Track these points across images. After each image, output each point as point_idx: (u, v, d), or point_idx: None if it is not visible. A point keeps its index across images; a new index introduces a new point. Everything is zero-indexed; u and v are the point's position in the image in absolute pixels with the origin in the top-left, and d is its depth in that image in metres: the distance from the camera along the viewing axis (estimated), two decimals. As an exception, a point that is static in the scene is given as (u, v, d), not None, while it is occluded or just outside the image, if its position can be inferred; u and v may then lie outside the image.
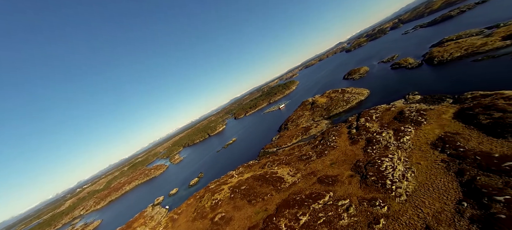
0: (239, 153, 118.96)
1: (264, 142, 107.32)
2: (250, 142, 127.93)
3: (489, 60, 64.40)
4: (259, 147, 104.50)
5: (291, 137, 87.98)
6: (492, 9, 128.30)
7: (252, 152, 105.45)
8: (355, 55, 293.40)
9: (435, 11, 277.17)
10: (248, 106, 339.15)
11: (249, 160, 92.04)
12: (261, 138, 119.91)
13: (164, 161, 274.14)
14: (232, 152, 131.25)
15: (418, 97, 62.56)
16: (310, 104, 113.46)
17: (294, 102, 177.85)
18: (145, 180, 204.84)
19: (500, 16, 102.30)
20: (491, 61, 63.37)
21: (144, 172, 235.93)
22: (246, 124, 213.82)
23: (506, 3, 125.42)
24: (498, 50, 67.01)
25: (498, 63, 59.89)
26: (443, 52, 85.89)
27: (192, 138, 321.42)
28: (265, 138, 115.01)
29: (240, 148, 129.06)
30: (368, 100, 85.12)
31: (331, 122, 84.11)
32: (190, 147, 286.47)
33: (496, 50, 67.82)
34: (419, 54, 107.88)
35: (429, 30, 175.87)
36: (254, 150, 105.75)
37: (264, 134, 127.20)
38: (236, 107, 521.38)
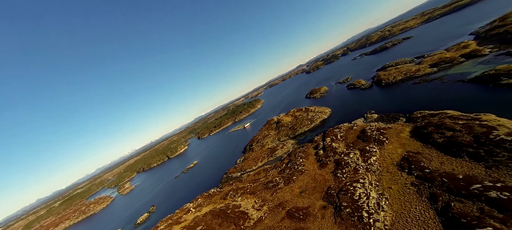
0: (199, 179, 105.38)
1: (227, 165, 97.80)
2: (212, 166, 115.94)
3: (424, 83, 73.30)
4: (222, 171, 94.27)
5: (257, 159, 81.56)
6: (416, 44, 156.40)
7: (214, 177, 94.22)
8: (315, 76, 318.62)
9: (374, 43, 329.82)
10: (212, 125, 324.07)
11: (210, 188, 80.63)
12: (225, 161, 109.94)
13: (111, 191, 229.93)
14: (192, 177, 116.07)
15: (375, 115, 65.41)
16: (275, 123, 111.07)
17: (260, 121, 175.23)
18: (80, 219, 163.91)
19: (423, 49, 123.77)
20: (426, 84, 72.10)
21: (80, 208, 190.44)
22: (210, 144, 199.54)
23: (424, 40, 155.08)
24: (429, 75, 77.63)
25: (432, 86, 68.17)
26: (388, 75, 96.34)
27: (148, 162, 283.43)
28: (229, 161, 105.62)
29: (202, 172, 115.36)
30: (331, 119, 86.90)
31: (297, 142, 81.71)
32: (145, 172, 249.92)
33: (427, 75, 78.48)
34: (369, 77, 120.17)
35: (372, 57, 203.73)
36: (217, 175, 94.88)
37: (228, 155, 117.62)
38: (201, 126, 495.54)
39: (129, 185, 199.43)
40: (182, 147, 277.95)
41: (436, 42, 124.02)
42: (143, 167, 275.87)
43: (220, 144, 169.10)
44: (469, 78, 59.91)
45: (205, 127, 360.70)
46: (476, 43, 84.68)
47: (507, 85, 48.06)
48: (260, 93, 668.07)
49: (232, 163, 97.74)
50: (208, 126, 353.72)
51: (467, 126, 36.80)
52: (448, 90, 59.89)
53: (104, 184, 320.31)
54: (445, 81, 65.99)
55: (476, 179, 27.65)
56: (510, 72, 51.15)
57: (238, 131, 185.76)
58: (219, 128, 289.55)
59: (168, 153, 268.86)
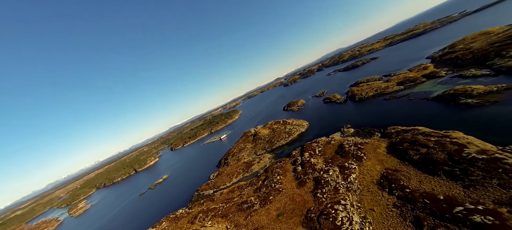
0: (167, 196, 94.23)
1: (200, 181, 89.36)
2: (183, 181, 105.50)
3: (394, 99, 77.24)
4: (193, 187, 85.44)
5: (231, 174, 75.51)
6: (382, 63, 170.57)
7: (184, 194, 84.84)
8: (292, 89, 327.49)
9: (345, 60, 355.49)
10: (187, 136, 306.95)
11: (178, 208, 71.49)
12: (197, 175, 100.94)
13: (59, 212, 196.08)
14: (159, 195, 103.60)
15: (352, 130, 65.66)
16: (252, 136, 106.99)
17: (237, 133, 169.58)
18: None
19: (389, 68, 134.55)
20: (396, 100, 75.95)
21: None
22: (183, 156, 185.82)
23: (389, 60, 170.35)
24: (397, 92, 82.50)
25: (401, 102, 71.81)
26: (361, 91, 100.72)
27: (111, 176, 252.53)
28: (201, 175, 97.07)
29: (171, 189, 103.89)
30: (308, 132, 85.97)
31: (274, 156, 78.26)
32: (107, 188, 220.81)
33: (396, 92, 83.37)
34: (343, 92, 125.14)
35: (345, 73, 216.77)
36: (187, 192, 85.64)
37: (201, 169, 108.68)
38: (175, 136, 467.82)
39: (83, 205, 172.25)
40: (152, 159, 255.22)
41: (399, 63, 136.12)
42: (105, 182, 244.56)
43: (194, 157, 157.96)
44: (432, 97, 64.14)
45: (179, 138, 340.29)
46: (433, 65, 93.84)
47: (466, 104, 51.78)
48: (238, 104, 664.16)
49: (205, 179, 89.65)
50: (183, 136, 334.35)
51: (439, 143, 37.19)
52: (416, 107, 63.10)
53: (53, 203, 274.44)
54: (412, 99, 69.96)
55: (456, 200, 26.61)
56: (466, 92, 55.79)
57: (214, 143, 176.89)
58: (194, 139, 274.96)
59: (135, 166, 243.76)
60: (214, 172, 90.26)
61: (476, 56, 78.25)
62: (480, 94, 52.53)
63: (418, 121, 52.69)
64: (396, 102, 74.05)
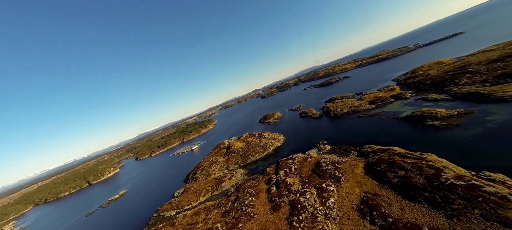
0: (120, 218, 79.76)
1: (162, 199, 77.84)
2: (143, 198, 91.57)
3: (367, 117, 79.07)
4: (153, 207, 73.64)
5: (199, 192, 66.85)
6: (354, 82, 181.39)
7: (141, 215, 72.46)
8: (269, 101, 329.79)
9: (320, 77, 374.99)
10: (156, 144, 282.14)
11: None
12: (161, 192, 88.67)
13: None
14: (111, 215, 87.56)
15: (328, 147, 63.85)
16: (225, 148, 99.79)
17: (210, 143, 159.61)
18: None
19: (360, 87, 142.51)
20: (368, 118, 77.72)
21: None
22: (148, 168, 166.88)
23: (360, 80, 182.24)
24: (369, 111, 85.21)
25: (374, 121, 73.42)
26: (336, 107, 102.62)
27: (57, 189, 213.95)
28: (165, 192, 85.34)
29: (127, 208, 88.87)
30: (284, 147, 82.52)
31: (247, 172, 72.27)
32: (48, 205, 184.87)
33: (368, 111, 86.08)
34: (319, 107, 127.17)
35: (320, 89, 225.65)
36: (145, 212, 73.42)
37: (166, 185, 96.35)
38: (143, 144, 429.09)
39: (10, 227, 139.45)
40: (112, 170, 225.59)
41: (369, 83, 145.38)
42: (47, 197, 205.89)
43: (160, 169, 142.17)
44: (401, 117, 66.57)
45: (147, 146, 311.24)
46: (399, 87, 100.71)
47: (432, 125, 53.88)
48: (214, 113, 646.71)
49: (168, 196, 78.49)
50: (151, 145, 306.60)
51: (416, 166, 36.03)
52: (388, 126, 64.45)
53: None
54: (383, 118, 71.99)
55: (443, 234, 24.16)
56: (432, 114, 58.66)
57: (184, 154, 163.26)
58: (164, 148, 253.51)
59: (90, 178, 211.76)
60: (180, 189, 79.79)
61: (435, 82, 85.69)
62: (444, 117, 55.40)
63: (392, 141, 52.91)
64: (369, 120, 75.59)
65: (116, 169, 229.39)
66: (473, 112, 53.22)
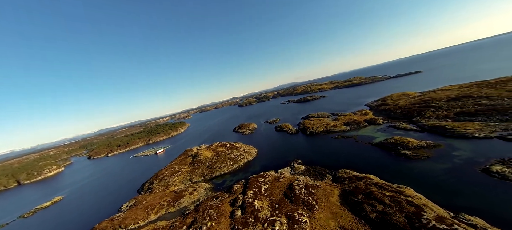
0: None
1: (104, 212, 63.93)
2: (81, 209, 75.11)
3: (342, 139, 78.22)
4: (89, 223, 59.58)
5: (151, 208, 56.00)
6: (330, 102, 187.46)
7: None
8: (246, 111, 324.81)
9: (299, 93, 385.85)
10: (117, 143, 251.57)
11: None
12: (106, 203, 73.79)
13: None
14: (33, 229, 69.32)
15: (302, 167, 59.73)
16: (192, 157, 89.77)
17: (177, 149, 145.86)
18: None
19: (336, 108, 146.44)
20: (344, 140, 76.83)
21: None
22: (101, 169, 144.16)
23: (336, 101, 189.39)
24: (345, 133, 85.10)
25: (349, 143, 72.43)
26: (312, 125, 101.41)
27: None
28: (111, 203, 71.01)
29: (55, 221, 71.28)
30: (256, 162, 76.36)
31: (212, 187, 63.83)
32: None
33: (343, 132, 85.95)
34: (295, 123, 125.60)
35: (297, 105, 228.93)
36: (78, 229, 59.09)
37: (115, 193, 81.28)
38: (101, 141, 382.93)
39: None
40: (53, 169, 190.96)
41: (344, 105, 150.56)
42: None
43: (114, 172, 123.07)
44: (375, 142, 66.51)
45: (106, 144, 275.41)
46: (372, 113, 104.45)
47: (405, 155, 53.70)
48: (188, 116, 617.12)
49: (113, 209, 64.90)
50: (111, 143, 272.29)
51: (395, 201, 33.07)
52: (363, 150, 63.40)
53: None
54: (358, 141, 71.45)
55: None
56: (404, 143, 59.15)
57: (147, 157, 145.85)
58: (125, 148, 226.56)
59: (21, 176, 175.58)
60: (130, 201, 66.89)
61: (404, 112, 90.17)
62: (415, 148, 55.96)
63: (368, 168, 50.95)
64: (345, 142, 74.51)
65: (60, 167, 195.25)
66: (440, 146, 54.61)
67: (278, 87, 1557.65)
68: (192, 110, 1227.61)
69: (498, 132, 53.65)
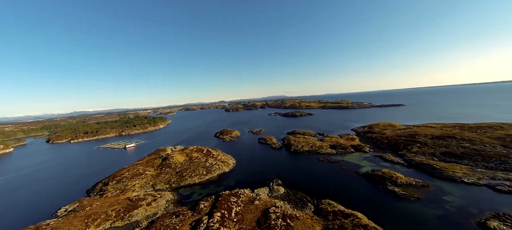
0: None
1: (36, 215, 51.33)
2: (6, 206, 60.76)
3: (327, 163, 73.15)
4: (9, 228, 47.14)
5: (94, 218, 45.31)
6: (317, 121, 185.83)
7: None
8: (232, 116, 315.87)
9: (287, 107, 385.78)
10: (84, 130, 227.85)
11: None
12: (42, 202, 60.50)
13: None
14: None
15: (282, 190, 52.95)
16: (161, 159, 79.44)
17: (151, 145, 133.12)
18: None
19: (322, 127, 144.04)
20: (329, 164, 71.81)
21: None
22: (55, 157, 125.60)
23: (323, 120, 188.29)
24: (330, 156, 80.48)
25: (334, 168, 67.39)
26: (297, 142, 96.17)
27: None
28: (49, 204, 58.07)
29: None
30: (232, 175, 68.28)
31: (176, 199, 54.47)
32: None
33: (329, 155, 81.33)
34: (280, 137, 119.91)
35: (284, 119, 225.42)
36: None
37: (58, 191, 67.75)
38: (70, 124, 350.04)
39: None
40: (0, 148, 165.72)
41: (331, 126, 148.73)
42: None
43: (68, 164, 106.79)
44: (362, 172, 62.16)
45: (72, 129, 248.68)
46: (359, 139, 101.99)
47: (393, 192, 49.31)
48: (172, 112, 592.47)
49: (48, 213, 52.41)
50: (78, 128, 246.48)
51: (388, 254, 27.18)
52: (349, 180, 58.45)
53: None
54: (344, 168, 66.74)
55: None
56: (392, 178, 55.14)
57: (114, 150, 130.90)
58: (93, 136, 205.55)
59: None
60: (72, 204, 54.88)
61: (390, 143, 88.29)
62: (404, 185, 51.93)
63: (354, 201, 45.60)
64: (330, 167, 69.41)
65: (7, 148, 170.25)
66: (429, 186, 51.06)
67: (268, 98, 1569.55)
68: (178, 106, 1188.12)
69: (486, 179, 51.51)
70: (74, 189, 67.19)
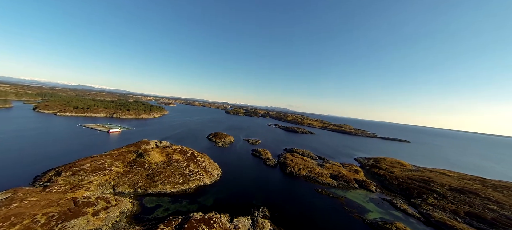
0: None
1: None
2: None
3: (327, 197, 61.52)
4: None
5: (14, 221, 33.91)
6: (318, 142, 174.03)
7: None
8: (230, 119, 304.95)
9: (288, 121, 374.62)
10: (75, 104, 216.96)
11: None
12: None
13: None
14: None
15: (268, 226, 41.27)
16: (136, 154, 68.13)
17: (138, 134, 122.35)
18: None
19: (323, 150, 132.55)
20: (329, 199, 60.36)
21: None
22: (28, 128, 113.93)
23: (324, 141, 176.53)
24: (331, 188, 68.83)
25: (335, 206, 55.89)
26: (294, 163, 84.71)
27: None
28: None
29: None
30: (212, 190, 56.49)
31: (134, 213, 42.86)
32: None
33: (329, 187, 69.68)
34: (276, 153, 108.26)
35: (284, 133, 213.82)
36: None
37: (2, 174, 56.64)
38: (66, 96, 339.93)
39: None
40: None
41: (332, 151, 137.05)
42: None
43: (35, 139, 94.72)
44: (368, 218, 50.52)
45: (64, 101, 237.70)
46: (363, 173, 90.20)
47: (410, 258, 37.51)
48: (172, 104, 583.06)
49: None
50: (70, 101, 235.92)
51: None
52: (353, 226, 46.67)
53: None
54: (346, 208, 54.97)
55: None
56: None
57: (96, 132, 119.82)
58: (82, 112, 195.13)
59: None
60: (3, 194, 43.43)
61: (401, 185, 76.47)
62: (423, 250, 40.22)
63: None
64: (330, 203, 57.69)
65: None
66: (458, 261, 39.30)
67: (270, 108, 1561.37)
68: (179, 99, 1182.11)
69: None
70: (21, 172, 55.76)
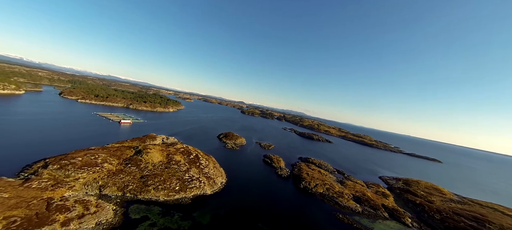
0: None
1: None
2: None
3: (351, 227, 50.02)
4: None
5: None
6: (336, 152, 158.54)
7: None
8: (245, 119, 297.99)
9: (304, 126, 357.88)
10: (96, 93, 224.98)
11: None
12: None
13: None
14: None
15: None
16: (135, 151, 62.19)
17: (147, 127, 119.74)
18: None
19: (342, 162, 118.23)
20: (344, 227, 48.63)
21: None
22: (49, 112, 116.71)
23: (342, 152, 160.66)
24: (354, 214, 56.84)
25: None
26: (310, 177, 73.35)
27: None
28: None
29: None
30: (211, 203, 47.71)
31: (114, 225, 35.66)
32: None
33: (353, 212, 57.71)
34: (290, 161, 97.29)
35: (299, 139, 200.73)
36: None
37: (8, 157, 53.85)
38: (93, 85, 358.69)
39: None
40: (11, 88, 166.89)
41: (352, 165, 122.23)
42: None
43: (48, 123, 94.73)
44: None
45: (88, 89, 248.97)
46: (393, 198, 75.90)
47: None
48: (190, 99, 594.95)
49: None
50: (93, 90, 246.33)
51: None
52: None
53: None
54: (377, 249, 42.96)
55: None
56: None
57: (108, 122, 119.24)
58: (101, 101, 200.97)
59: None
60: None
61: (445, 221, 61.34)
62: None
63: None
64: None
65: (19, 90, 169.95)
66: None
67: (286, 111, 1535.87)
68: (198, 95, 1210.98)
69: None
70: (15, 158, 52.28)
